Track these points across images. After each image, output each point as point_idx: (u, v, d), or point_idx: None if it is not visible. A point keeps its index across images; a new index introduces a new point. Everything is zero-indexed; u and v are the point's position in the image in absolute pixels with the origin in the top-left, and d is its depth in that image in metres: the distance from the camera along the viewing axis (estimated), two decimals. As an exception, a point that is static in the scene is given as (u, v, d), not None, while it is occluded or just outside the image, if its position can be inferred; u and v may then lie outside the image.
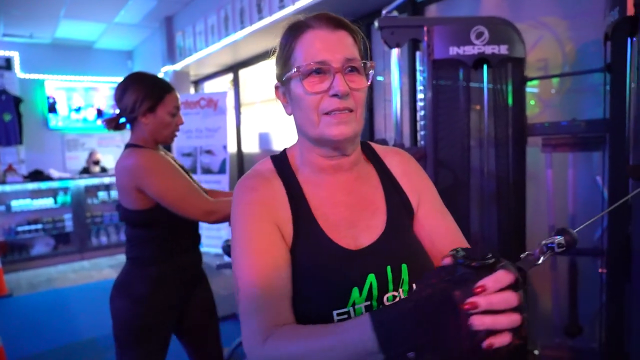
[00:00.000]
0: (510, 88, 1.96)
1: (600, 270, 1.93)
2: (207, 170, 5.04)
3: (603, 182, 1.96)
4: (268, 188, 0.81)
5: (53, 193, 5.79)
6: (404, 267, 0.77)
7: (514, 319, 0.51)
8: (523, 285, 0.53)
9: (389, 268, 0.77)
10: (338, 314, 0.73)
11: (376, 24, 1.93)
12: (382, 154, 0.92)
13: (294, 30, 0.78)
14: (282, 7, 3.38)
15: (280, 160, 0.86)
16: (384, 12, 2.00)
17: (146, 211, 1.45)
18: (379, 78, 3.30)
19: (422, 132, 2.02)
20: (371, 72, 0.80)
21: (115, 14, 5.21)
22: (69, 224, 5.73)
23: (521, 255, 0.67)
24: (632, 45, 1.51)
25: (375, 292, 0.75)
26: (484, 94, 1.96)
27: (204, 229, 5.13)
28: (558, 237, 0.68)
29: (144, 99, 1.47)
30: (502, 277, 0.51)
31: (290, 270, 0.75)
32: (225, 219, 1.46)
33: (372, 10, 3.12)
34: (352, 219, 0.81)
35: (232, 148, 5.37)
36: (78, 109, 6.63)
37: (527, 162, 2.02)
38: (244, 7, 3.89)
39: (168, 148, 5.55)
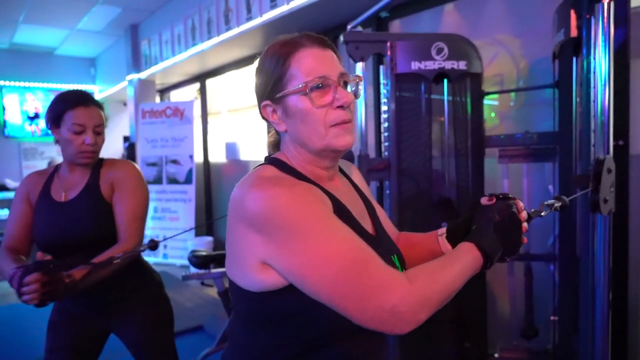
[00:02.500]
0: (469, 101, 2.06)
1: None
2: (173, 180, 4.97)
3: (554, 190, 2.08)
4: (305, 185, 0.77)
5: (9, 204, 5.55)
6: (394, 257, 0.87)
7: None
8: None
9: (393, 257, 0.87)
10: None
11: (341, 38, 1.99)
12: (341, 165, 0.99)
13: (286, 50, 0.81)
14: (249, 18, 3.41)
15: (285, 168, 0.84)
16: (349, 26, 2.07)
17: None
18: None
19: (386, 143, 2.09)
20: (360, 85, 0.89)
21: (78, 20, 5.10)
22: (25, 236, 5.50)
23: (531, 211, 0.94)
24: (577, 64, 1.62)
25: None
26: (444, 107, 2.05)
27: (170, 240, 5.04)
28: (555, 201, 0.97)
29: (46, 113, 1.49)
30: (520, 202, 0.87)
31: None
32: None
33: (337, 24, 3.20)
34: (357, 216, 0.86)
35: (198, 158, 5.32)
36: (37, 117, 6.40)
37: (485, 172, 2.11)
38: (212, 18, 3.90)
39: (132, 158, 5.45)
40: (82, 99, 1.46)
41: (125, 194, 1.49)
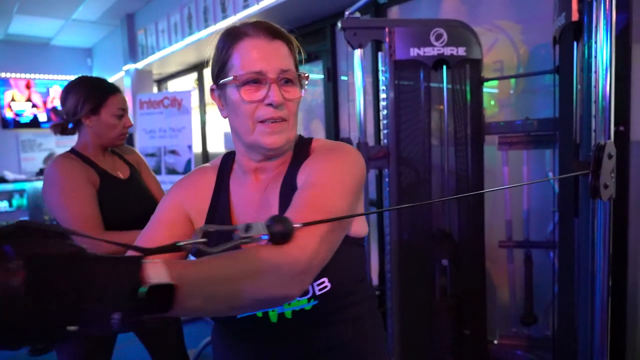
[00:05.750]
0: (468, 88, 2.04)
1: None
2: (171, 171, 4.95)
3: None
4: (198, 180, 0.89)
5: (8, 196, 5.55)
6: None
7: None
8: None
9: None
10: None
11: (339, 24, 1.97)
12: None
13: (232, 37, 0.79)
14: (246, 6, 3.37)
15: (228, 157, 0.92)
16: (347, 13, 2.03)
17: None
18: (343, 78, 3.34)
19: (385, 131, 2.07)
20: (305, 82, 0.83)
21: (74, 10, 5.04)
22: (25, 228, 5.50)
23: None
24: (578, 49, 1.60)
25: None
26: (443, 94, 2.03)
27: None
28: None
29: (85, 101, 1.49)
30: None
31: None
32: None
33: (335, 11, 3.16)
34: (258, 218, 0.76)
35: (197, 148, 5.30)
36: (34, 108, 6.37)
37: (485, 159, 2.10)
38: (208, 6, 3.85)
39: (131, 148, 5.43)
40: (116, 86, 1.59)
41: (151, 175, 1.74)
